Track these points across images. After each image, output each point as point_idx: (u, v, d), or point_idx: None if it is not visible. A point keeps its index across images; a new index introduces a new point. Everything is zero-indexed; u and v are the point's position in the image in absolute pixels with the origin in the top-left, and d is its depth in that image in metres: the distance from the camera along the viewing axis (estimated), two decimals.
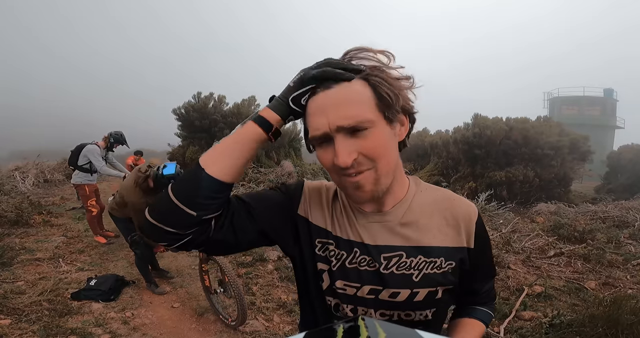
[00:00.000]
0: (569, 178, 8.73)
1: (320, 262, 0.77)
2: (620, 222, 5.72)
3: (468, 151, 8.89)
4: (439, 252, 0.75)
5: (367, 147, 0.64)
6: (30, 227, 5.23)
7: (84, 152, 4.67)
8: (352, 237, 0.77)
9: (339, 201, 0.81)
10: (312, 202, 0.81)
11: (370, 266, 0.75)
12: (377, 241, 0.75)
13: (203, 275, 2.89)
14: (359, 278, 0.75)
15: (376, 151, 0.65)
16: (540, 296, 3.23)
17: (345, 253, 0.76)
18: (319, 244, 0.78)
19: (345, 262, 0.76)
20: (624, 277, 3.72)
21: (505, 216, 5.92)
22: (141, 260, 3.35)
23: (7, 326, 2.61)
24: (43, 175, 10.75)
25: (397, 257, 0.74)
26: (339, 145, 0.63)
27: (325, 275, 0.77)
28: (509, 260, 3.95)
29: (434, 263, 0.74)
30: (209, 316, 2.97)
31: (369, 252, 0.75)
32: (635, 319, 2.44)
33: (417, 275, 0.74)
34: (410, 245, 0.75)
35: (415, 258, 0.74)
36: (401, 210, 0.77)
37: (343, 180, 0.68)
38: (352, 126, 0.62)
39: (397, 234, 0.75)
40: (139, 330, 2.73)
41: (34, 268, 3.75)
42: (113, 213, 3.35)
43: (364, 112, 0.63)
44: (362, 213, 0.77)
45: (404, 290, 0.74)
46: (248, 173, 6.96)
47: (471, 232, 0.77)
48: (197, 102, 8.45)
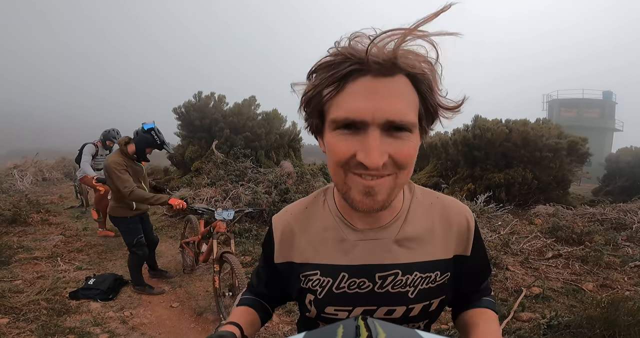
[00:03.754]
0: (568, 180, 8.74)
1: (308, 293, 0.75)
2: (618, 224, 5.73)
3: (468, 153, 8.90)
4: (435, 266, 0.72)
5: (402, 152, 0.57)
6: (29, 226, 5.23)
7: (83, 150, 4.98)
8: (339, 261, 0.72)
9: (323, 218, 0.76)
10: (284, 240, 0.77)
11: (362, 288, 0.71)
12: (371, 260, 0.71)
13: (214, 276, 2.86)
14: (350, 301, 0.72)
15: (407, 159, 0.58)
16: (538, 297, 3.24)
17: (331, 279, 0.72)
18: (303, 278, 0.75)
19: (332, 289, 0.72)
20: (621, 279, 3.73)
21: (503, 218, 5.93)
22: (139, 261, 3.28)
23: (5, 325, 2.61)
24: (41, 174, 10.76)
25: (393, 276, 0.71)
26: (375, 140, 0.55)
27: (312, 306, 0.75)
28: (507, 262, 3.96)
29: (429, 278, 0.72)
30: (208, 316, 2.97)
31: (361, 273, 0.71)
32: (633, 321, 2.45)
33: (412, 291, 0.71)
34: (407, 262, 0.71)
35: (411, 275, 0.71)
36: (397, 225, 0.72)
37: (353, 181, 0.59)
38: (400, 124, 0.55)
39: (393, 252, 0.71)
40: (138, 329, 2.72)
41: (32, 267, 3.75)
42: (114, 213, 3.23)
43: (413, 115, 0.57)
44: (354, 230, 0.72)
45: (400, 307, 0.72)
46: (247, 173, 6.95)
47: (469, 240, 0.75)
48: (198, 101, 8.43)
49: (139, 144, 3.08)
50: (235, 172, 6.93)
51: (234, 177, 6.74)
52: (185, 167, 8.51)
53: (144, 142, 3.07)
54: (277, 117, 9.04)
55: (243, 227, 4.78)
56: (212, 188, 6.03)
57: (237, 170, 6.99)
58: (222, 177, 6.71)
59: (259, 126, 8.47)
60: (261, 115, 8.88)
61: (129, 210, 3.17)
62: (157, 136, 3.09)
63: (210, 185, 6.33)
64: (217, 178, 6.70)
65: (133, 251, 3.21)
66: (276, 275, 0.81)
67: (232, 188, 5.95)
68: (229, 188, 5.97)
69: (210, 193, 5.75)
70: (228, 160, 7.38)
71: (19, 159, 11.89)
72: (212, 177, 6.81)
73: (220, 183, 6.32)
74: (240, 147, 7.91)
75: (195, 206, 3.24)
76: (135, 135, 3.11)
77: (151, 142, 3.08)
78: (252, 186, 6.02)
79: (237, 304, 0.89)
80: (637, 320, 2.45)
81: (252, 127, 8.39)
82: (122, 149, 3.08)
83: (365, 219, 0.71)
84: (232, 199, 5.54)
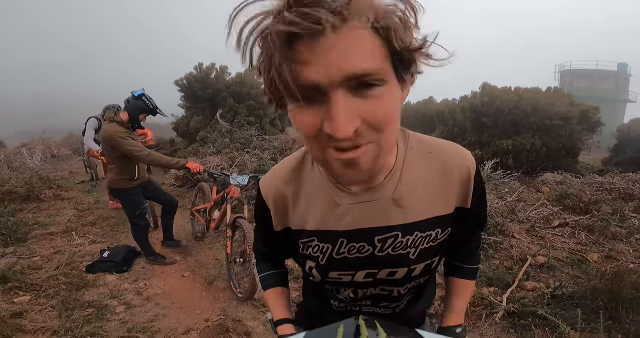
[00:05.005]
0: (577, 148, 8.61)
1: (308, 260, 0.74)
2: (626, 194, 5.64)
3: (475, 119, 8.76)
4: (434, 223, 0.69)
5: (376, 111, 0.48)
6: (42, 202, 5.33)
7: None
8: (335, 227, 0.69)
9: (312, 181, 0.71)
10: (278, 208, 0.75)
11: (362, 252, 0.70)
12: (368, 224, 0.68)
13: (227, 241, 2.92)
14: (352, 265, 0.71)
15: (385, 118, 0.49)
16: (543, 267, 3.28)
17: (330, 245, 0.71)
18: (301, 245, 0.74)
19: (332, 255, 0.71)
20: (626, 250, 3.72)
21: (510, 185, 5.87)
22: (142, 232, 3.31)
23: (27, 302, 2.69)
24: (50, 151, 10.86)
25: (393, 238, 0.68)
26: (338, 105, 0.46)
27: (315, 272, 0.74)
28: (513, 229, 3.97)
29: (429, 236, 0.69)
30: (218, 283, 3.08)
31: (359, 237, 0.69)
32: (636, 294, 2.47)
33: (413, 252, 0.69)
34: (405, 222, 0.67)
35: (412, 236, 0.68)
36: (392, 183, 0.66)
37: (329, 155, 0.52)
38: (364, 75, 0.45)
39: (390, 213, 0.67)
40: (152, 300, 2.84)
41: (49, 243, 3.86)
42: (114, 185, 3.18)
43: (379, 61, 0.47)
44: (347, 193, 0.67)
45: (401, 268, 0.71)
46: (253, 141, 6.99)
47: (469, 191, 0.70)
48: (199, 73, 8.34)
49: (132, 111, 3.04)
50: (241, 140, 7.01)
51: (239, 145, 6.81)
52: (190, 137, 8.56)
53: (136, 108, 3.04)
54: None
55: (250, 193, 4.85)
56: (218, 156, 6.14)
57: (243, 138, 7.05)
58: (228, 145, 6.80)
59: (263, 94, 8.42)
60: None
61: (129, 181, 3.13)
62: (148, 101, 3.06)
63: (215, 153, 6.42)
64: (223, 146, 6.79)
65: (134, 222, 3.23)
66: (277, 240, 0.81)
67: (237, 155, 6.03)
68: (234, 156, 6.05)
69: (217, 161, 5.84)
70: (233, 128, 7.41)
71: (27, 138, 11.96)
72: (217, 145, 6.89)
73: (225, 151, 6.42)
74: (244, 115, 7.90)
75: (211, 170, 3.28)
76: (126, 103, 3.07)
77: (143, 107, 3.06)
78: (257, 153, 6.10)
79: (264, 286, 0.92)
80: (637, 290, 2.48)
81: (256, 96, 8.36)
82: (116, 119, 3.04)
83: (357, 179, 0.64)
84: (238, 166, 5.62)
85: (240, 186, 3.05)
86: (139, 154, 2.97)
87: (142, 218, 3.26)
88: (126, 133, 3.02)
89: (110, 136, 2.95)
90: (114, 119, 3.04)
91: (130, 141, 2.99)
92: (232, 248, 2.90)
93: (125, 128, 3.06)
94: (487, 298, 2.68)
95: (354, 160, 0.51)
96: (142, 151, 2.98)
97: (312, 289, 0.89)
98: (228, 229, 2.88)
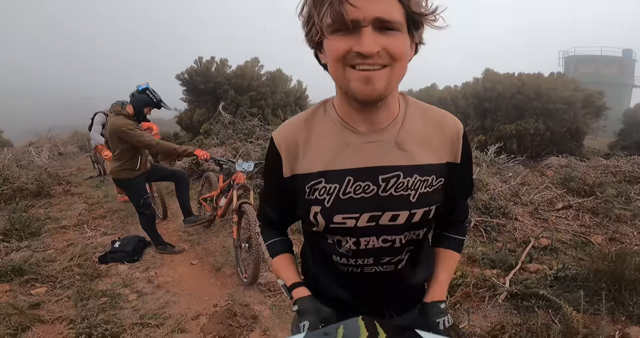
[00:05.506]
0: (582, 132, 8.56)
1: (314, 205, 0.79)
2: (632, 177, 5.63)
3: (478, 105, 8.74)
4: (430, 169, 0.78)
5: (391, 44, 0.65)
6: (52, 198, 5.45)
7: None
8: (344, 166, 0.76)
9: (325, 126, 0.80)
10: (290, 153, 0.81)
11: (367, 192, 0.76)
12: (373, 162, 0.76)
13: (233, 227, 3.02)
14: (357, 207, 0.77)
15: (396, 51, 0.65)
16: (546, 249, 3.31)
17: (337, 184, 0.76)
18: (307, 190, 0.79)
19: (339, 195, 0.77)
20: (630, 233, 3.74)
21: (515, 169, 5.88)
22: (150, 221, 3.43)
23: (44, 293, 2.77)
24: (57, 149, 10.98)
25: (395, 178, 0.75)
26: (368, 34, 0.63)
27: (319, 217, 0.78)
28: (516, 212, 3.99)
29: (427, 181, 0.77)
30: (226, 270, 3.18)
31: (367, 176, 0.76)
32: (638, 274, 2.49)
33: (414, 195, 0.76)
34: (407, 164, 0.76)
35: (412, 177, 0.76)
36: (395, 128, 0.77)
37: (352, 73, 0.66)
38: (389, 21, 0.64)
39: (394, 154, 0.76)
40: (163, 287, 2.93)
41: (61, 236, 3.96)
42: (117, 176, 3.29)
43: (398, 15, 0.65)
44: (356, 133, 0.76)
45: (403, 211, 0.77)
46: (256, 131, 7.08)
47: (459, 148, 0.81)
48: (200, 67, 8.39)
49: (137, 104, 3.16)
50: (244, 130, 7.11)
51: (242, 135, 6.92)
52: (194, 130, 8.65)
53: (141, 102, 3.17)
54: (281, 76, 9.02)
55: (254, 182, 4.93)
56: (222, 147, 6.26)
57: (245, 129, 7.16)
58: (231, 136, 6.92)
59: (263, 86, 8.54)
60: (265, 76, 8.85)
61: (131, 171, 3.24)
62: (152, 95, 3.18)
63: (219, 144, 6.54)
64: (226, 137, 6.91)
65: (141, 212, 3.36)
66: (285, 193, 0.85)
67: (241, 146, 6.15)
68: (238, 146, 6.16)
69: (221, 152, 5.96)
70: (235, 120, 7.50)
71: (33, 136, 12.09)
72: (221, 137, 7.01)
73: (229, 142, 6.53)
74: (247, 106, 7.98)
75: (218, 157, 3.42)
76: (131, 97, 3.19)
77: (148, 101, 3.18)
78: (261, 143, 6.19)
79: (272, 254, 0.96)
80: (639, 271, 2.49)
81: (257, 87, 8.42)
82: (123, 113, 3.15)
83: (366, 120, 0.76)
84: (242, 156, 5.72)
85: (246, 172, 3.15)
86: (148, 143, 3.10)
87: (148, 207, 3.38)
88: (134, 125, 3.13)
89: (119, 128, 3.05)
90: (121, 112, 3.14)
91: (138, 132, 3.11)
92: (238, 234, 2.99)
93: (133, 121, 3.16)
94: (490, 280, 2.72)
95: (371, 77, 0.66)
96: (151, 141, 3.12)
97: (312, 250, 0.93)
98: (234, 215, 2.97)
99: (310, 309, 0.84)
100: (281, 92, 8.83)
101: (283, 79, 9.02)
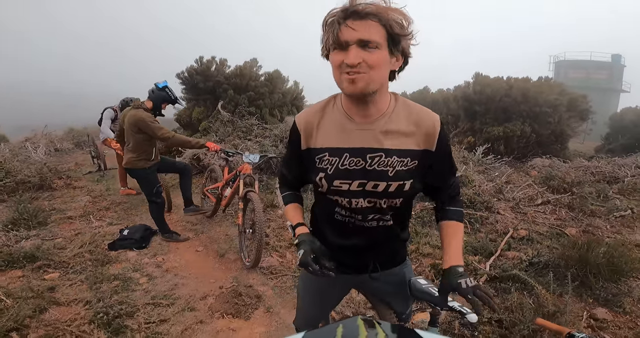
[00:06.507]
0: (566, 135, 8.94)
1: (320, 172, 1.08)
2: (611, 177, 5.94)
3: (468, 108, 9.06)
4: (407, 153, 1.03)
5: (371, 58, 0.91)
6: (54, 191, 5.55)
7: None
8: (343, 145, 1.05)
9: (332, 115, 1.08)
10: (307, 132, 1.10)
11: (358, 165, 1.04)
12: (364, 144, 1.03)
13: (239, 213, 3.25)
14: (350, 175, 1.05)
15: (374, 63, 0.92)
16: (524, 239, 3.58)
17: (338, 158, 1.05)
18: (317, 160, 1.08)
19: (338, 165, 1.06)
20: (604, 226, 4.01)
21: (501, 169, 6.18)
22: (160, 210, 3.65)
23: (58, 278, 2.91)
24: (53, 145, 11.00)
25: (379, 157, 1.03)
26: (352, 50, 0.91)
27: (323, 181, 1.08)
28: (499, 207, 4.29)
29: (402, 162, 1.03)
30: (229, 256, 3.40)
31: (358, 154, 1.04)
32: (603, 260, 2.74)
33: (391, 171, 1.04)
34: (389, 147, 1.03)
35: (391, 158, 1.03)
36: (383, 121, 1.03)
37: (343, 76, 0.94)
38: (367, 41, 0.90)
39: (380, 140, 1.03)
40: (171, 272, 3.11)
41: (68, 226, 4.09)
42: (132, 166, 3.50)
43: (377, 37, 0.91)
44: (353, 122, 1.04)
45: (382, 182, 1.04)
46: (254, 129, 7.31)
47: (434, 138, 1.05)
48: (200, 66, 8.53)
49: (156, 100, 3.46)
50: (242, 128, 7.31)
51: (241, 133, 7.13)
52: (193, 127, 8.78)
53: (160, 98, 3.46)
54: (279, 77, 9.22)
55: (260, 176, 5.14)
56: (222, 144, 6.42)
57: (244, 127, 7.37)
58: (230, 134, 7.11)
59: (262, 86, 8.73)
60: (264, 76, 9.04)
61: (147, 161, 3.49)
62: (170, 93, 3.49)
63: (219, 141, 6.70)
64: (226, 135, 7.09)
65: (152, 200, 3.58)
66: (300, 160, 1.14)
67: (240, 143, 6.35)
68: (237, 143, 6.36)
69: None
70: (234, 118, 7.68)
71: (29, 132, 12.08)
72: (220, 134, 7.17)
73: (229, 139, 6.70)
74: (245, 105, 8.18)
75: (227, 149, 3.72)
76: (151, 93, 3.47)
77: (166, 97, 3.48)
78: (260, 140, 6.40)
79: (285, 202, 1.28)
80: (606, 259, 2.74)
81: (255, 87, 8.60)
82: (143, 107, 3.42)
83: (360, 113, 1.03)
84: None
85: (252, 164, 3.41)
86: (166, 135, 3.38)
87: (159, 196, 3.60)
88: (153, 118, 3.41)
89: (141, 119, 3.32)
90: (141, 106, 3.41)
91: (158, 125, 3.39)
92: (243, 220, 3.22)
93: (151, 114, 3.43)
94: (472, 264, 2.99)
95: (355, 79, 0.93)
96: (168, 133, 3.40)
97: (319, 204, 1.24)
98: (240, 202, 3.22)
99: (306, 241, 1.14)
100: (278, 92, 9.02)
101: (280, 79, 9.23)
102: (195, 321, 2.44)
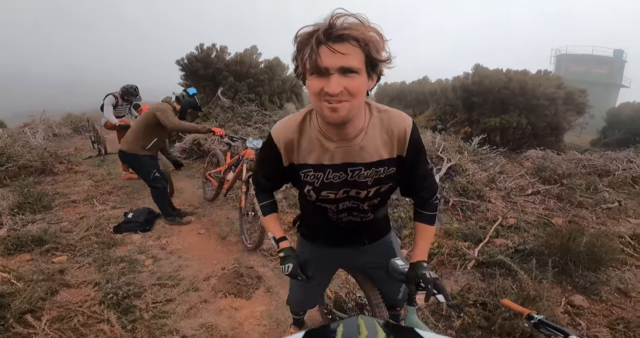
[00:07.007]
0: (561, 127, 9.06)
1: (307, 185, 1.18)
2: (602, 170, 6.06)
3: (466, 98, 9.14)
4: (383, 163, 1.12)
5: (352, 85, 0.91)
6: (56, 175, 5.59)
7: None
8: (325, 162, 1.12)
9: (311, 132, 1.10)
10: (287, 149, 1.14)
11: (341, 178, 1.15)
12: (345, 160, 1.11)
13: (241, 196, 3.37)
14: (335, 186, 1.17)
15: (356, 90, 0.92)
16: (512, 228, 3.72)
17: (322, 173, 1.13)
18: (302, 174, 1.17)
19: (322, 180, 1.16)
20: (589, 217, 4.14)
21: (496, 160, 6.30)
22: (162, 194, 3.77)
23: (66, 261, 2.99)
24: (51, 130, 10.99)
25: (359, 170, 1.12)
26: (334, 78, 0.89)
27: (312, 192, 1.19)
28: (490, 195, 4.43)
29: (380, 171, 1.14)
30: (231, 238, 3.54)
31: (339, 169, 1.12)
32: (584, 248, 2.88)
33: (370, 181, 1.16)
34: (366, 161, 1.11)
35: (370, 170, 1.13)
36: (360, 137, 1.08)
37: (323, 105, 0.94)
38: (350, 68, 0.89)
39: (358, 155, 1.10)
40: (175, 253, 3.24)
41: (73, 210, 4.16)
42: (127, 148, 3.60)
43: (357, 62, 0.90)
44: (332, 141, 1.08)
45: (363, 190, 1.17)
46: (254, 116, 7.40)
47: (405, 144, 1.11)
48: (200, 53, 8.54)
49: (185, 105, 3.74)
50: (242, 114, 7.42)
51: (241, 119, 7.24)
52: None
53: (188, 104, 3.76)
54: (278, 64, 9.25)
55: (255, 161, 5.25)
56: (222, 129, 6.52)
57: (244, 113, 7.48)
58: (230, 119, 7.22)
59: (261, 73, 8.78)
60: (263, 63, 9.06)
61: (142, 148, 3.61)
62: (198, 100, 3.81)
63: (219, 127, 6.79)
64: (226, 120, 7.20)
65: (153, 186, 3.71)
66: (282, 172, 1.20)
67: (240, 129, 6.47)
68: (237, 129, 6.48)
69: None
70: (234, 105, 7.75)
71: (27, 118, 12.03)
72: (220, 120, 7.26)
73: (229, 124, 6.81)
74: (245, 92, 8.25)
75: (231, 134, 3.93)
76: (182, 98, 3.73)
77: (193, 104, 3.78)
78: (259, 126, 6.52)
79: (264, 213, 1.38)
80: (588, 249, 2.87)
81: (255, 74, 8.65)
82: (172, 105, 3.69)
83: (338, 134, 1.06)
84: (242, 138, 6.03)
85: (255, 149, 3.54)
86: (178, 124, 3.59)
87: (158, 181, 3.71)
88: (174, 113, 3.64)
89: (164, 109, 3.55)
90: (171, 104, 3.69)
91: (175, 118, 3.61)
92: (245, 203, 3.34)
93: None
94: (462, 250, 3.15)
95: (337, 108, 0.93)
96: (180, 122, 3.63)
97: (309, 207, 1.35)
98: (243, 185, 3.34)
99: (291, 256, 1.28)
100: (278, 79, 9.11)
101: (280, 66, 9.27)
102: (199, 300, 2.57)
